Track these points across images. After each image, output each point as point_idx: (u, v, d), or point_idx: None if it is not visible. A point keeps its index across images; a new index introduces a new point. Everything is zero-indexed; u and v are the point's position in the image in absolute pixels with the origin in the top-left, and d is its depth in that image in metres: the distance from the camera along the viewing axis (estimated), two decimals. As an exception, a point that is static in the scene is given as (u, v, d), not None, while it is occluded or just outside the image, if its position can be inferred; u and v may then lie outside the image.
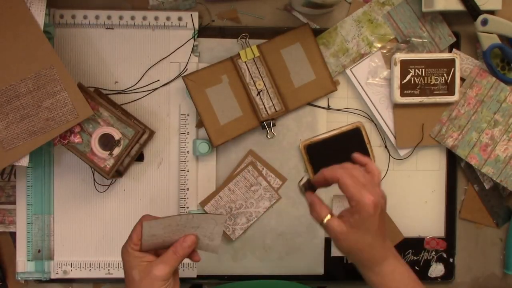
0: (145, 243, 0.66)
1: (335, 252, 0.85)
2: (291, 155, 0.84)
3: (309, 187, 0.70)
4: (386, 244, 0.68)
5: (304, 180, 0.72)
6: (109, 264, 0.83)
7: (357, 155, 0.71)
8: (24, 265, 0.82)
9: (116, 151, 0.77)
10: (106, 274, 0.83)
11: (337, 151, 0.84)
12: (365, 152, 0.84)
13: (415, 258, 0.87)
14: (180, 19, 0.82)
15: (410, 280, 0.69)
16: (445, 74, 0.83)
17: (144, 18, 0.81)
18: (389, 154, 0.86)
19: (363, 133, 0.84)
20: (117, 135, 0.77)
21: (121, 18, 0.81)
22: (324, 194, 0.84)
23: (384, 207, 0.67)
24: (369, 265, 0.67)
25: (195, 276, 0.84)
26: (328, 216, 0.65)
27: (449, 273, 0.87)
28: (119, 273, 0.83)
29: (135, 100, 0.83)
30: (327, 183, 0.67)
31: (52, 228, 0.83)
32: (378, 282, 0.67)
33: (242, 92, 0.81)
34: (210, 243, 0.70)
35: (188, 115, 0.83)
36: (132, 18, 0.81)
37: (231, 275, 0.85)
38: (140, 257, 0.66)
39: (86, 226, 0.83)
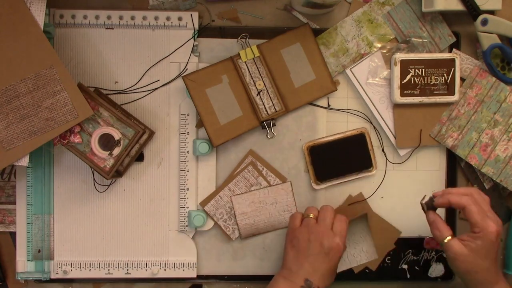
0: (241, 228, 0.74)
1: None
2: (291, 155, 0.84)
3: (431, 206, 0.74)
4: (498, 269, 0.73)
5: (427, 199, 0.75)
6: (109, 264, 0.83)
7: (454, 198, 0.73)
8: (24, 265, 0.82)
9: (116, 151, 0.77)
10: (106, 274, 0.83)
11: (340, 155, 0.84)
12: (368, 158, 0.84)
13: (415, 258, 0.87)
14: (180, 19, 0.82)
15: None
16: (445, 74, 0.83)
17: (144, 18, 0.81)
18: (386, 158, 0.86)
19: (367, 139, 0.84)
20: (117, 135, 0.77)
21: (121, 18, 0.81)
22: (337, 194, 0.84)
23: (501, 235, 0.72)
24: (482, 286, 0.72)
25: (195, 276, 0.84)
26: (449, 237, 0.71)
27: (449, 273, 0.87)
28: (119, 273, 0.83)
29: (135, 100, 0.83)
30: (449, 206, 0.73)
31: (52, 228, 0.83)
32: None
33: (242, 92, 0.81)
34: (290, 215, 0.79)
35: (188, 115, 0.83)
36: (132, 18, 0.81)
37: (231, 275, 0.85)
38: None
39: (86, 226, 0.83)
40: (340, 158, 0.84)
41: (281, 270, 0.76)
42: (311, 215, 0.77)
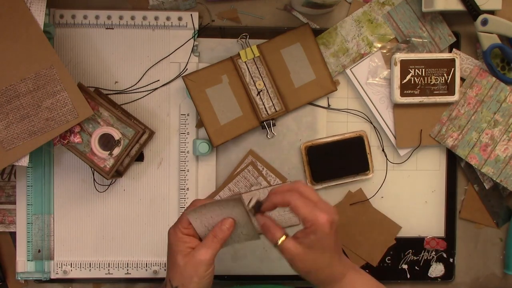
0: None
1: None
2: (291, 155, 0.84)
3: (259, 209, 0.67)
4: (343, 259, 0.67)
5: (253, 202, 0.67)
6: (109, 264, 0.83)
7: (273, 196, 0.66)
8: (24, 265, 0.82)
9: (116, 151, 0.77)
10: (106, 274, 0.83)
11: (337, 156, 0.84)
12: (365, 162, 0.84)
13: (415, 258, 0.87)
14: (180, 19, 0.82)
15: (374, 287, 0.69)
16: (445, 74, 0.83)
17: (144, 18, 0.81)
18: (386, 158, 0.86)
19: (366, 142, 0.84)
20: (117, 135, 0.77)
21: (121, 18, 0.81)
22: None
23: (338, 223, 0.65)
24: (329, 283, 0.66)
25: (195, 276, 0.84)
26: (283, 237, 0.64)
27: (449, 273, 0.87)
28: (119, 273, 0.83)
29: (135, 100, 0.83)
30: (276, 207, 0.66)
31: (52, 228, 0.83)
32: None
33: (242, 92, 0.81)
34: (290, 215, 0.77)
35: (188, 115, 0.83)
36: (132, 18, 0.81)
37: (231, 275, 0.85)
38: (186, 242, 0.66)
39: (86, 226, 0.83)
40: (337, 160, 0.84)
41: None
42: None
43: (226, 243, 0.67)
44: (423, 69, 0.82)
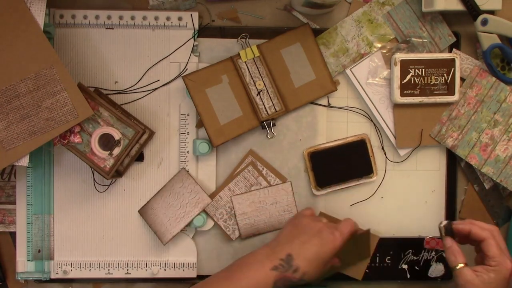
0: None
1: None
2: (291, 155, 0.84)
3: (449, 232, 0.74)
4: None
5: (445, 223, 0.74)
6: (109, 264, 0.83)
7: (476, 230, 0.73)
8: (24, 265, 0.82)
9: (116, 151, 0.77)
10: (106, 274, 0.83)
11: (340, 161, 0.84)
12: (368, 165, 0.84)
13: (415, 258, 0.87)
14: (180, 19, 0.82)
15: None
16: (445, 74, 0.83)
17: (144, 18, 0.81)
18: (386, 158, 0.86)
19: (368, 145, 0.84)
20: (117, 135, 0.77)
21: (121, 18, 0.81)
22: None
23: None
24: None
25: (195, 276, 0.84)
26: (462, 264, 0.71)
27: (449, 273, 0.87)
28: (119, 273, 0.83)
29: (135, 100, 0.83)
30: (467, 237, 0.73)
31: (52, 228, 0.83)
32: None
33: (242, 92, 0.81)
34: (290, 215, 0.82)
35: (188, 115, 0.83)
36: (132, 18, 0.81)
37: (231, 275, 0.85)
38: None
39: (86, 226, 0.83)
40: (340, 164, 0.84)
41: (270, 241, 0.75)
42: (324, 220, 0.77)
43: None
44: (423, 69, 0.82)
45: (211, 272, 0.84)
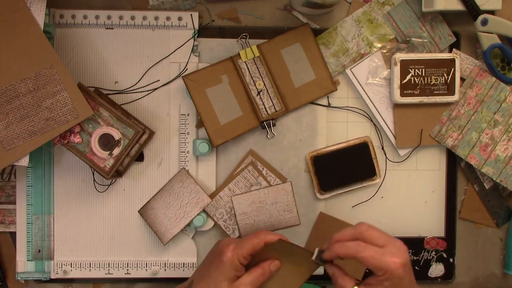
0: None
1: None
2: (291, 155, 0.84)
3: (324, 260, 0.66)
4: None
5: (316, 253, 0.66)
6: (109, 264, 0.83)
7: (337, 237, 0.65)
8: (24, 265, 0.82)
9: (116, 151, 0.77)
10: (106, 274, 0.83)
11: (343, 164, 0.84)
12: (371, 167, 0.84)
13: (415, 258, 0.87)
14: (180, 19, 0.82)
15: None
16: (445, 74, 0.83)
17: (144, 18, 0.81)
18: (386, 158, 0.86)
19: (370, 148, 0.84)
20: (117, 135, 0.77)
21: (121, 18, 0.81)
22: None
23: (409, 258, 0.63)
24: None
25: (195, 276, 0.84)
26: (355, 287, 0.63)
27: (449, 273, 0.87)
28: (119, 273, 0.83)
29: (135, 100, 0.83)
30: (342, 258, 0.64)
31: (52, 228, 0.83)
32: None
33: (242, 92, 0.81)
34: (290, 216, 0.81)
35: (188, 115, 0.83)
36: (132, 18, 0.81)
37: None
38: (238, 271, 0.66)
39: (86, 226, 0.83)
40: (343, 167, 0.84)
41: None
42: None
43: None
44: (423, 69, 0.82)
45: (211, 272, 0.84)
